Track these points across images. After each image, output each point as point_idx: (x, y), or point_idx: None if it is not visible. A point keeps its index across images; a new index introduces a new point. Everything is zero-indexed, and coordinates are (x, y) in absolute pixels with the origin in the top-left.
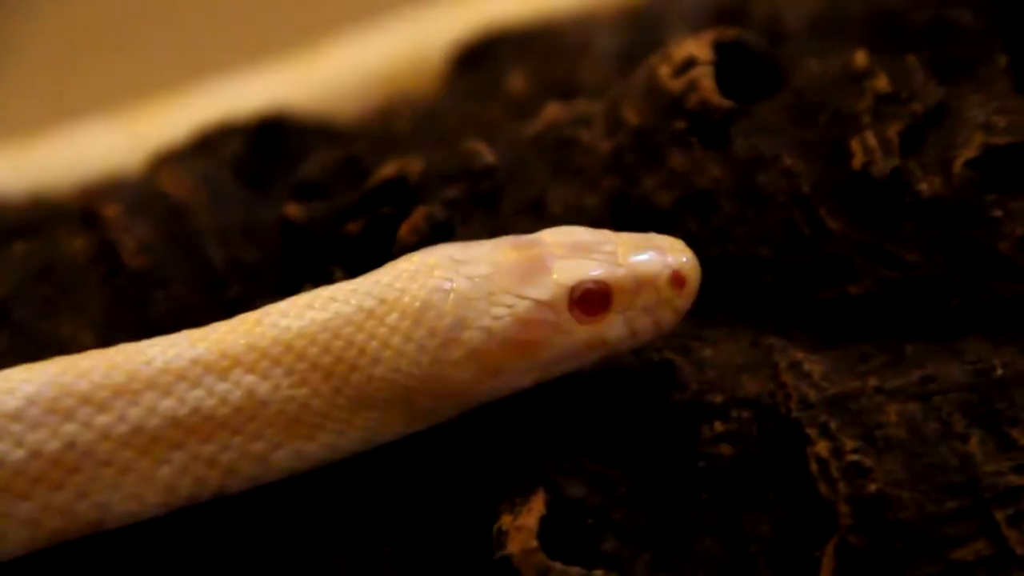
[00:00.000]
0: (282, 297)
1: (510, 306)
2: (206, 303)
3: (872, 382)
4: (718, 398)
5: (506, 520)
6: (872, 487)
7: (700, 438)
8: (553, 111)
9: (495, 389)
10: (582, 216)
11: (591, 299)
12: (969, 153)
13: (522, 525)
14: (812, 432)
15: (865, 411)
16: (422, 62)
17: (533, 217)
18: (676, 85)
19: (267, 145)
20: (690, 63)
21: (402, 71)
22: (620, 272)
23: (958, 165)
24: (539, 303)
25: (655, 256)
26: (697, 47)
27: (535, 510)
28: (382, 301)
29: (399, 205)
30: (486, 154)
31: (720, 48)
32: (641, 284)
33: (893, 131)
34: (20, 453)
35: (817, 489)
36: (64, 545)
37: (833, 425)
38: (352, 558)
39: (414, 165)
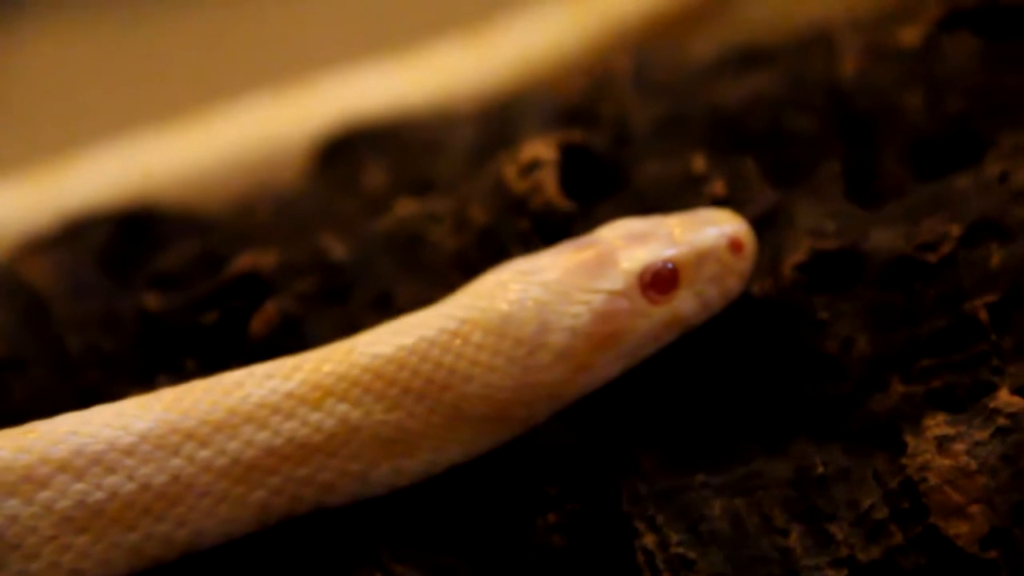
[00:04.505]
0: (139, 385)
1: (587, 302)
2: (63, 390)
3: (700, 478)
4: (553, 490)
5: None
6: None
7: (535, 528)
8: (404, 207)
9: (587, 385)
10: None
11: (660, 280)
12: (798, 256)
13: None
14: (640, 525)
15: (692, 505)
16: (285, 153)
17: (380, 312)
18: (521, 185)
19: (132, 235)
20: (535, 164)
21: (265, 161)
22: (682, 249)
23: (787, 268)
24: (614, 293)
25: (710, 228)
26: (543, 149)
27: None
28: (464, 321)
29: (253, 297)
30: (337, 249)
31: (565, 150)
32: (703, 256)
33: None
34: (131, 486)
35: None
36: None
37: (660, 518)
38: None
39: (268, 258)
